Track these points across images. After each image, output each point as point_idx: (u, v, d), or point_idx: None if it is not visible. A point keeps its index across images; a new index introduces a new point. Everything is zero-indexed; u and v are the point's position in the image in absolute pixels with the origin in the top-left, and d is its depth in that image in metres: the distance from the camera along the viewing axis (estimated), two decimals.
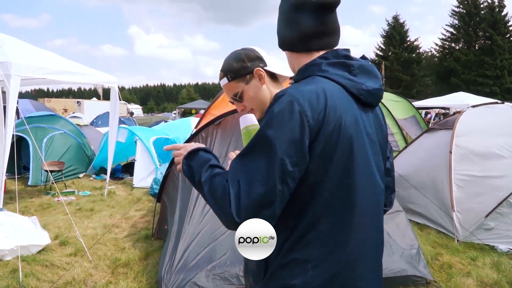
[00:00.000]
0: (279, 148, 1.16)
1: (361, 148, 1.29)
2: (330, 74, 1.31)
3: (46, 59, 6.92)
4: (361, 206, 1.30)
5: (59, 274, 4.38)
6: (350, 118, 1.27)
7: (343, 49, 1.38)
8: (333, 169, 1.23)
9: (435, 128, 6.94)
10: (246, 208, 1.14)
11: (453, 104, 18.23)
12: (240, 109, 1.70)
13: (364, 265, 1.32)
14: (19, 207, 5.61)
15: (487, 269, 4.60)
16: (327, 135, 1.21)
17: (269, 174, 1.15)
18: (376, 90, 1.37)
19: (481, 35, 43.48)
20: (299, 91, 1.24)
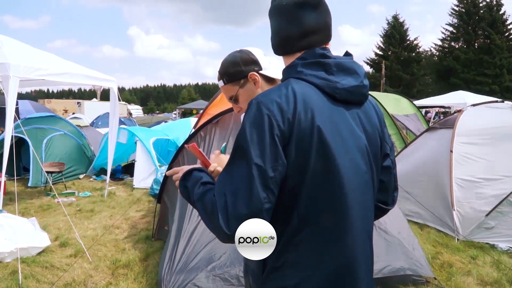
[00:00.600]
0: (254, 154, 1.17)
1: (341, 148, 1.27)
2: (305, 75, 1.31)
3: (45, 60, 6.91)
4: (348, 207, 1.29)
5: (59, 275, 4.37)
6: (324, 119, 1.26)
7: (320, 48, 1.36)
8: (310, 171, 1.23)
9: (435, 127, 6.94)
10: (234, 220, 1.15)
11: (453, 103, 18.21)
12: (236, 110, 1.72)
13: (355, 268, 1.32)
14: (19, 209, 5.61)
15: (487, 267, 4.61)
16: (299, 137, 1.21)
17: (251, 182, 1.16)
18: (354, 87, 1.34)
19: (480, 34, 43.51)
20: (267, 96, 1.26)
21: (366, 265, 1.38)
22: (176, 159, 5.17)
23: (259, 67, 1.64)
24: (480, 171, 5.67)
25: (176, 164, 5.14)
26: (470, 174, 5.69)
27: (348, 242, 1.30)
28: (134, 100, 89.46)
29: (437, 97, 20.79)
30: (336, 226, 1.27)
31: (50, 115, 11.27)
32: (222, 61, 1.68)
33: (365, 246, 1.38)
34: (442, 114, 24.13)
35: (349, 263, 1.30)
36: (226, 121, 4.78)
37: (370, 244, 1.42)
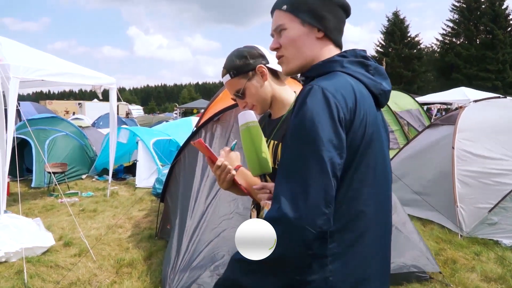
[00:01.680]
0: (325, 141, 1.14)
1: (379, 144, 1.30)
2: (352, 71, 1.31)
3: (44, 61, 6.91)
4: (377, 200, 1.30)
5: (64, 274, 4.39)
6: (372, 115, 1.28)
7: (360, 50, 1.39)
8: (355, 163, 1.22)
9: (437, 124, 6.92)
10: (306, 208, 1.11)
11: (455, 100, 18.19)
12: (242, 105, 1.69)
13: (377, 259, 1.32)
14: (23, 209, 5.63)
15: (491, 263, 4.61)
16: (355, 129, 1.21)
17: (323, 170, 1.13)
18: (389, 92, 1.39)
19: (482, 29, 43.35)
20: (330, 83, 1.22)
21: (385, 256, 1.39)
22: (178, 158, 5.18)
23: (266, 61, 1.64)
24: (482, 167, 5.66)
25: (178, 163, 5.15)
26: (472, 170, 5.68)
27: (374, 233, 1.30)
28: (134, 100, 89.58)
29: (439, 94, 20.75)
30: (366, 218, 1.27)
31: (52, 116, 11.29)
32: (228, 56, 1.67)
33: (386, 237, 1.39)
34: (444, 110, 24.10)
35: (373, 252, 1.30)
36: (227, 118, 4.79)
37: (390, 233, 1.43)
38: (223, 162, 1.54)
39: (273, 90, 1.65)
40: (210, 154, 1.56)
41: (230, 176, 1.56)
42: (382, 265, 1.35)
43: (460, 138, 6.00)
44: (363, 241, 1.26)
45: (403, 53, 46.76)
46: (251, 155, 1.49)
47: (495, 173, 5.52)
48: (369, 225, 1.28)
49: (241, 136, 1.53)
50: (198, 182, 4.42)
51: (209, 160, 1.57)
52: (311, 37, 1.36)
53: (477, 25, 43.27)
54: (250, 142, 1.49)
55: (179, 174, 5.02)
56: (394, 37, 47.29)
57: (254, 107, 1.67)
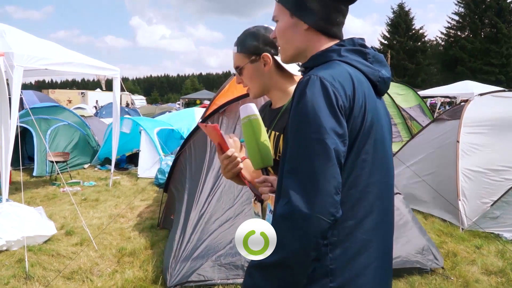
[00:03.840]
0: (328, 129, 1.13)
1: (380, 131, 1.29)
2: (350, 59, 1.30)
3: (49, 50, 6.90)
4: (377, 187, 1.29)
5: (65, 263, 4.41)
6: (371, 102, 1.27)
7: (358, 38, 1.38)
8: (355, 150, 1.22)
9: (443, 119, 6.87)
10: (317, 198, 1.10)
11: (459, 93, 18.11)
12: (237, 81, 1.72)
13: (378, 246, 1.30)
14: (25, 198, 5.65)
15: (492, 257, 4.62)
16: (354, 117, 1.20)
17: (329, 159, 1.13)
18: (388, 79, 1.38)
19: (486, 23, 43.07)
20: (327, 72, 1.22)
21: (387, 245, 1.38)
22: (184, 149, 5.18)
23: (276, 52, 1.62)
24: (486, 161, 5.66)
25: (184, 154, 5.15)
26: (476, 164, 5.67)
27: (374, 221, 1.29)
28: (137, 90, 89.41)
29: (443, 87, 20.64)
30: (366, 206, 1.26)
31: (55, 105, 11.29)
32: (246, 29, 1.68)
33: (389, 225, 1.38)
34: (447, 104, 24.03)
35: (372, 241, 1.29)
36: (233, 110, 4.78)
37: (392, 222, 1.42)
38: (234, 154, 1.53)
39: (272, 81, 1.65)
40: (223, 143, 1.53)
41: (237, 169, 1.55)
42: (384, 252, 1.34)
43: (464, 132, 5.98)
44: (362, 228, 1.24)
45: (408, 46, 46.53)
46: (253, 149, 1.47)
47: (498, 168, 5.51)
48: (369, 212, 1.26)
49: (242, 130, 1.51)
50: (204, 174, 4.43)
51: (218, 146, 1.54)
52: (300, 28, 1.37)
53: (482, 18, 42.99)
54: (252, 136, 1.47)
55: (184, 165, 5.01)
56: (399, 30, 47.01)
57: (248, 89, 1.69)
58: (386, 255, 1.36)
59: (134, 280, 4.00)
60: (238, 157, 1.54)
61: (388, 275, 1.38)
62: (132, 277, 4.07)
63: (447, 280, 4.00)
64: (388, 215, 1.37)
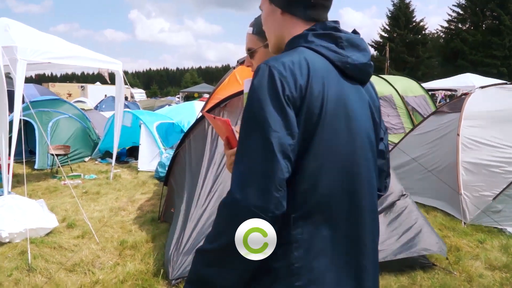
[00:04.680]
0: (271, 120, 1.09)
1: (346, 122, 1.23)
2: (315, 45, 1.24)
3: (51, 43, 6.87)
4: (343, 182, 1.23)
5: (67, 256, 4.41)
6: (334, 92, 1.21)
7: (332, 21, 1.32)
8: (314, 143, 1.16)
9: (443, 111, 6.85)
10: (255, 192, 1.07)
11: (460, 86, 18.07)
12: (246, 64, 1.68)
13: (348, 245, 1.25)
14: (27, 191, 5.64)
15: (496, 251, 4.60)
16: (310, 107, 1.15)
17: (271, 151, 1.08)
18: (363, 64, 1.30)
19: (488, 15, 42.76)
20: (279, 61, 1.17)
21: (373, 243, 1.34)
22: (183, 143, 5.16)
23: None
24: (487, 155, 5.63)
25: (183, 148, 5.13)
26: (477, 157, 5.65)
27: (358, 221, 1.26)
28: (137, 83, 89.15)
29: (444, 80, 20.59)
30: (333, 203, 1.21)
31: (55, 98, 11.26)
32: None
33: (373, 224, 1.34)
34: (448, 97, 23.97)
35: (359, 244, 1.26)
36: (234, 104, 4.76)
37: (377, 222, 1.37)
38: None
39: None
40: (231, 137, 1.48)
41: None
42: (356, 251, 1.27)
43: (465, 125, 5.96)
44: (328, 226, 1.19)
45: (408, 39, 46.27)
46: None
47: (500, 161, 5.49)
48: (335, 209, 1.21)
49: (244, 102, 1.49)
50: (205, 169, 4.42)
51: (226, 141, 1.49)
52: (277, 14, 1.33)
53: (484, 10, 42.69)
54: None
55: (184, 159, 5.00)
56: (399, 22, 46.71)
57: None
58: (359, 253, 1.28)
59: (136, 273, 4.00)
60: None
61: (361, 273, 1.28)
62: (134, 270, 4.07)
63: (450, 275, 3.99)
64: (361, 211, 1.28)
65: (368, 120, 1.33)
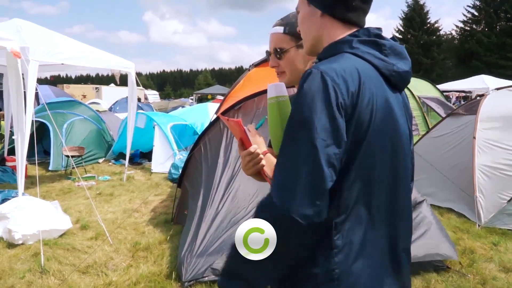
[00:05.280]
0: (319, 127, 1.08)
1: (392, 130, 1.23)
2: (361, 52, 1.23)
3: (64, 44, 6.93)
4: (386, 189, 1.24)
5: (80, 257, 4.44)
6: (383, 100, 1.20)
7: (375, 28, 1.31)
8: (362, 151, 1.16)
9: (459, 113, 6.77)
10: (295, 199, 1.07)
11: (475, 88, 17.85)
12: (272, 64, 1.64)
13: (386, 251, 1.26)
14: (40, 192, 5.70)
15: (510, 254, 4.56)
16: (360, 115, 1.14)
17: (316, 158, 1.07)
18: (405, 72, 1.30)
19: (502, 16, 42.39)
20: (331, 67, 1.15)
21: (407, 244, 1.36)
22: (198, 145, 5.16)
23: None
24: (502, 157, 5.57)
25: (198, 150, 5.13)
26: (493, 160, 5.59)
27: (395, 224, 1.27)
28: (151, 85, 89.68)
29: (458, 82, 20.37)
30: (376, 207, 1.22)
31: (70, 100, 11.40)
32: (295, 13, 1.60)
33: (408, 226, 1.36)
34: (462, 98, 23.72)
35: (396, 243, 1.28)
36: (249, 107, 4.76)
37: (410, 223, 1.39)
38: (256, 150, 1.45)
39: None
40: (246, 139, 1.47)
41: (259, 166, 1.47)
42: (393, 258, 1.29)
43: (481, 127, 5.89)
44: (369, 231, 1.20)
45: (422, 40, 45.90)
46: (276, 131, 1.41)
47: None
48: (375, 213, 1.22)
49: (268, 109, 1.45)
50: (220, 172, 4.42)
51: (240, 142, 1.48)
52: (316, 16, 1.31)
53: (498, 12, 42.29)
54: (277, 117, 1.42)
55: (200, 161, 5.00)
56: (413, 24, 46.39)
57: (283, 74, 1.62)
58: (396, 260, 1.30)
59: (149, 275, 4.02)
60: (261, 154, 1.46)
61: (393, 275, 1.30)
62: (147, 271, 4.09)
63: (464, 278, 3.95)
64: (398, 213, 1.30)
65: (406, 127, 1.34)
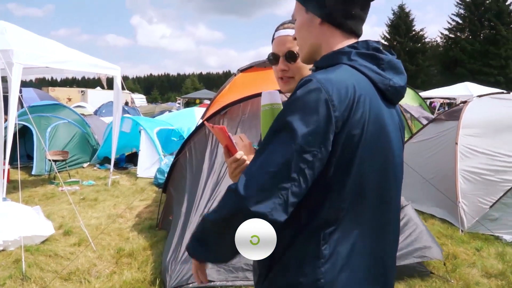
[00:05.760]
0: (301, 135, 1.10)
1: (385, 144, 1.25)
2: (359, 64, 1.24)
3: (49, 48, 6.87)
4: (377, 202, 1.25)
5: (63, 264, 4.38)
6: (374, 114, 1.21)
7: (374, 41, 1.32)
8: (353, 164, 1.17)
9: (441, 119, 6.87)
10: (256, 188, 1.11)
11: (458, 94, 18.11)
12: (280, 68, 1.62)
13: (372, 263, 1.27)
14: (23, 197, 5.61)
15: (492, 259, 4.62)
16: (352, 128, 1.15)
17: (286, 159, 1.10)
18: (401, 87, 1.32)
19: (486, 25, 43.20)
20: (328, 78, 1.16)
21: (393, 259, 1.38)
22: (183, 150, 5.14)
23: None
24: (484, 163, 5.66)
25: (184, 155, 5.12)
26: (475, 166, 5.67)
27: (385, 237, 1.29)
28: (137, 89, 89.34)
29: (443, 88, 20.65)
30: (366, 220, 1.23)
31: (54, 103, 11.26)
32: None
33: (395, 240, 1.38)
34: (446, 105, 24.03)
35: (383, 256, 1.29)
36: (235, 112, 4.76)
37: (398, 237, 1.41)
38: (242, 157, 1.47)
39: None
40: (231, 145, 1.48)
41: None
42: (379, 270, 1.30)
43: (463, 134, 5.97)
44: (357, 242, 1.21)
45: (408, 47, 46.50)
46: None
47: (497, 170, 5.52)
48: (365, 224, 1.23)
49: (261, 116, 1.46)
50: (205, 177, 4.41)
51: (226, 149, 1.49)
52: (314, 24, 1.32)
53: (482, 20, 43.11)
54: (270, 124, 1.43)
55: (184, 167, 4.98)
56: (399, 31, 47.00)
57: (290, 80, 1.61)
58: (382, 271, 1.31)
59: (132, 282, 3.98)
60: (247, 160, 1.47)
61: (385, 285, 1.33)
62: (131, 278, 4.04)
63: (447, 283, 3.99)
64: (386, 226, 1.32)
65: (399, 141, 1.35)
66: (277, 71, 1.63)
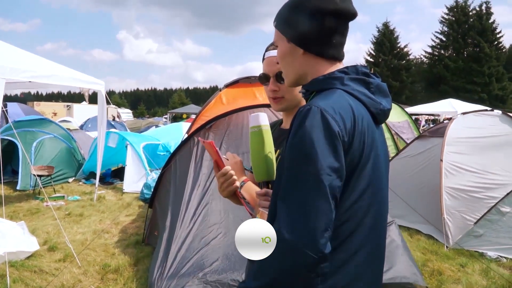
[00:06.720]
0: (324, 163, 1.11)
1: (376, 164, 1.28)
2: (352, 89, 1.28)
3: (32, 62, 6.82)
4: (371, 220, 1.28)
5: (48, 280, 4.33)
6: (370, 136, 1.26)
7: (362, 66, 1.37)
8: (352, 184, 1.20)
9: (426, 136, 6.98)
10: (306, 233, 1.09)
11: (443, 111, 18.35)
12: (271, 88, 1.65)
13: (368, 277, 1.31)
14: (7, 212, 5.55)
15: (476, 275, 4.65)
16: (354, 151, 1.19)
17: (323, 195, 1.11)
18: (388, 110, 1.37)
19: (469, 42, 44.07)
20: (328, 104, 1.19)
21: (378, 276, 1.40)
22: (169, 165, 5.15)
23: None
24: (469, 180, 5.72)
25: (169, 170, 5.12)
26: (460, 183, 5.73)
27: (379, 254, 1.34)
28: (124, 103, 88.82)
29: (427, 105, 20.93)
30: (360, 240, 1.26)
31: (40, 118, 11.17)
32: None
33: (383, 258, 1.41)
34: (431, 121, 24.37)
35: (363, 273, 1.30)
36: (220, 126, 4.79)
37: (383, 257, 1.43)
38: (230, 172, 1.49)
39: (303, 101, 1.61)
40: (218, 159, 1.51)
41: (233, 188, 1.52)
42: (373, 282, 1.35)
43: (448, 151, 6.05)
44: (354, 260, 1.25)
45: (392, 64, 47.24)
46: (259, 160, 1.44)
47: (481, 187, 5.59)
48: (363, 244, 1.26)
49: (250, 138, 1.48)
50: (189, 191, 4.41)
51: (215, 164, 1.52)
52: (297, 53, 1.35)
53: (465, 38, 43.97)
54: (260, 146, 1.44)
55: (169, 181, 4.99)
56: (383, 48, 47.80)
57: (280, 100, 1.65)
58: (375, 284, 1.37)
59: None
60: (234, 175, 1.50)
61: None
62: None
63: None
64: (379, 247, 1.36)
65: (387, 160, 1.39)
66: (268, 91, 1.66)
